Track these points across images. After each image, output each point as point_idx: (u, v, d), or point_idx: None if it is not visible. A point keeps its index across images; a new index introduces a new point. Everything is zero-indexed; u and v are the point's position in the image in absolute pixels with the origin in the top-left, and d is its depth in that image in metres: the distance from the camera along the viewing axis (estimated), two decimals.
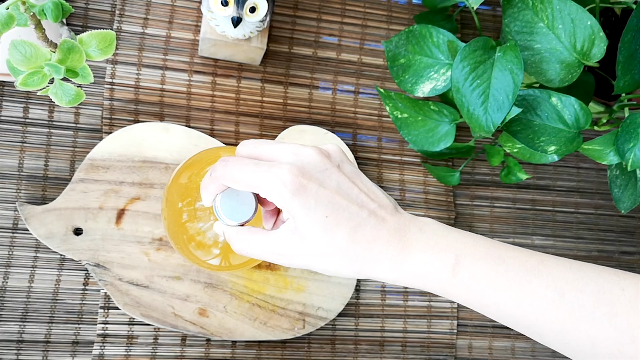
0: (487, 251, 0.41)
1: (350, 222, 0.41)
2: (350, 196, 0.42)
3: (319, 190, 0.41)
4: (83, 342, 0.59)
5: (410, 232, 0.42)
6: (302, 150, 0.42)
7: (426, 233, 0.42)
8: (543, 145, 0.55)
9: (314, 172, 0.41)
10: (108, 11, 0.64)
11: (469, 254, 0.41)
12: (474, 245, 0.42)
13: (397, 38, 0.60)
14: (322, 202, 0.41)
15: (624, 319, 0.38)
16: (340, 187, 0.42)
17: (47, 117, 0.61)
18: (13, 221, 0.59)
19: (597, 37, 0.53)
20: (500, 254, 0.41)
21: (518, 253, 0.42)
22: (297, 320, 0.62)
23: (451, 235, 0.42)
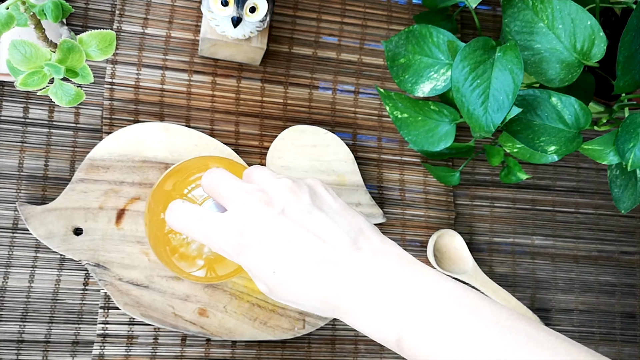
0: (432, 321, 0.38)
1: (299, 276, 0.39)
2: (296, 244, 0.40)
3: (259, 247, 0.40)
4: (83, 342, 0.59)
5: (361, 284, 0.39)
6: (244, 202, 0.41)
7: (375, 291, 0.39)
8: (543, 145, 0.55)
9: (253, 227, 0.40)
10: (108, 11, 0.64)
11: (412, 328, 0.38)
12: (420, 315, 0.38)
13: (397, 38, 0.60)
14: (265, 260, 0.40)
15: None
16: (284, 236, 0.40)
17: (47, 117, 0.61)
18: (13, 221, 0.59)
19: (597, 37, 0.53)
20: (445, 323, 0.37)
21: (466, 319, 0.37)
22: (297, 320, 0.62)
23: (400, 300, 0.38)
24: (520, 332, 0.37)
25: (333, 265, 0.39)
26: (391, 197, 0.68)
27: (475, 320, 0.37)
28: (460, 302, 0.38)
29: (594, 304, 0.73)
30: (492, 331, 0.37)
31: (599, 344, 0.72)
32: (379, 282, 0.39)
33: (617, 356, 0.72)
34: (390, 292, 0.39)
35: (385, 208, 0.67)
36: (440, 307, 0.38)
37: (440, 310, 0.38)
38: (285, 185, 0.42)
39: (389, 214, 0.67)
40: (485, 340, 0.36)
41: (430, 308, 0.38)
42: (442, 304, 0.38)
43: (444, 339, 0.37)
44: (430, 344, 0.37)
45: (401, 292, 0.39)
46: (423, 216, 0.69)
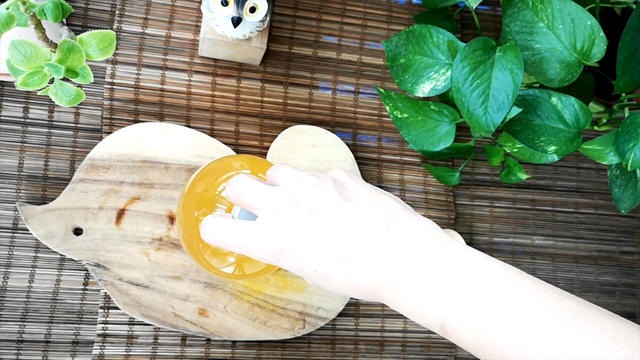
0: (475, 304, 0.37)
1: (339, 271, 0.40)
2: (331, 241, 0.40)
3: (296, 251, 0.40)
4: (83, 342, 0.59)
5: (401, 270, 0.39)
6: (272, 208, 0.41)
7: (413, 278, 0.39)
8: (543, 145, 0.55)
9: (285, 232, 0.40)
10: (108, 11, 0.64)
11: (456, 312, 0.38)
12: (463, 298, 0.38)
13: (397, 38, 0.60)
14: (305, 261, 0.40)
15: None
16: (317, 236, 0.40)
17: (47, 117, 0.61)
18: (13, 221, 0.59)
19: (597, 37, 0.53)
20: (489, 305, 0.37)
21: (510, 300, 0.37)
22: (297, 320, 0.62)
23: (441, 284, 0.38)
24: (566, 310, 0.36)
25: (370, 255, 0.39)
26: (388, 198, 0.68)
27: (519, 300, 0.37)
28: (503, 282, 0.38)
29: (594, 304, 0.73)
30: (537, 310, 0.36)
31: None
32: (417, 265, 0.39)
33: None
34: (431, 275, 0.39)
35: None
36: (483, 288, 0.38)
37: (483, 291, 0.38)
38: (309, 183, 0.42)
39: None
40: (530, 321, 0.36)
41: (473, 290, 0.38)
42: (484, 285, 0.38)
43: (488, 321, 0.37)
44: (475, 327, 0.37)
45: (442, 275, 0.39)
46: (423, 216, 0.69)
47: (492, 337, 0.37)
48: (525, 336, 0.36)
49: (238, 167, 0.55)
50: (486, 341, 0.37)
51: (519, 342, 0.36)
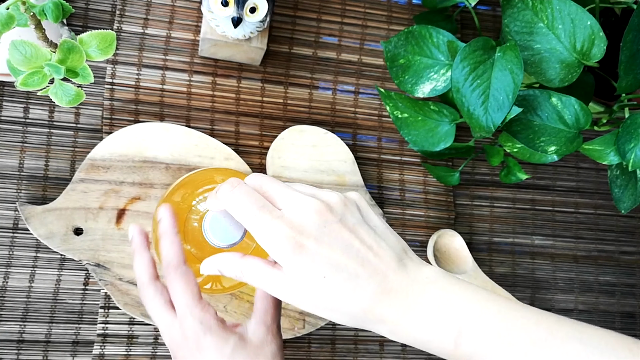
0: (492, 321, 0.39)
1: (349, 284, 0.40)
2: (351, 253, 0.40)
3: (317, 249, 0.40)
4: (83, 342, 0.59)
5: (413, 294, 0.40)
6: (304, 203, 0.41)
7: (430, 297, 0.40)
8: (543, 145, 0.55)
9: (313, 228, 0.40)
10: (108, 11, 0.64)
11: (473, 326, 0.39)
12: (479, 314, 0.40)
13: (397, 38, 0.60)
14: (320, 263, 0.40)
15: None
16: (340, 243, 0.41)
17: (48, 117, 0.61)
18: (13, 221, 0.59)
19: (597, 37, 0.53)
20: (506, 324, 0.39)
21: (526, 322, 0.40)
22: (297, 320, 0.62)
23: (456, 300, 0.40)
24: (592, 336, 0.41)
25: (383, 278, 0.40)
26: (391, 197, 0.68)
27: (540, 318, 0.41)
28: (511, 308, 0.41)
29: (593, 303, 0.73)
30: (560, 331, 0.40)
31: None
32: (434, 287, 0.41)
33: None
34: (449, 291, 0.41)
35: (385, 208, 0.67)
36: (501, 305, 0.40)
37: (501, 306, 0.40)
38: (338, 197, 0.43)
39: (389, 214, 0.67)
40: (536, 342, 0.39)
41: (492, 303, 0.40)
42: (495, 309, 0.40)
43: (502, 341, 0.39)
44: (489, 348, 0.39)
45: (461, 289, 0.41)
46: (423, 216, 0.69)
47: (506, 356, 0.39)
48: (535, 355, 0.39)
49: (219, 181, 0.55)
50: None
51: None
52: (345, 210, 0.42)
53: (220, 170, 0.60)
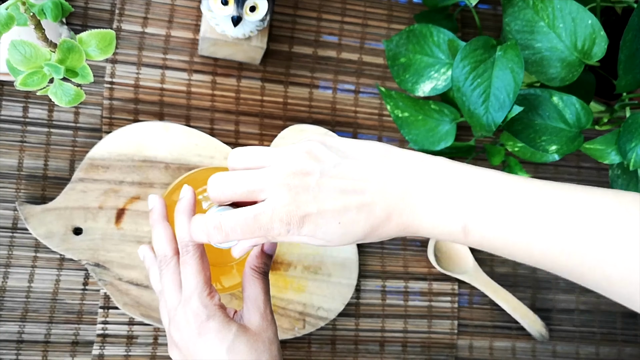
0: (496, 209, 0.40)
1: (361, 211, 0.41)
2: (350, 190, 0.41)
3: (319, 211, 0.41)
4: (83, 342, 0.59)
5: (415, 195, 0.41)
6: (283, 181, 0.41)
7: (431, 194, 0.41)
8: (544, 144, 0.55)
9: (308, 196, 0.41)
10: (108, 10, 0.64)
11: (477, 218, 0.41)
12: (483, 205, 0.41)
13: (398, 37, 0.60)
14: (329, 217, 0.41)
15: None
16: (337, 189, 0.41)
17: (47, 116, 0.61)
18: (13, 221, 0.59)
19: (597, 36, 0.53)
20: (511, 207, 0.40)
21: (529, 198, 0.40)
22: (297, 320, 0.62)
23: (458, 193, 0.41)
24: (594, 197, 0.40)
25: (385, 185, 0.42)
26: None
27: (543, 191, 0.41)
28: (510, 184, 0.42)
29: (594, 303, 0.73)
30: (563, 196, 0.40)
31: (600, 344, 0.72)
32: (430, 178, 0.42)
33: (618, 356, 0.72)
34: (449, 184, 0.42)
35: None
36: (504, 189, 0.41)
37: (504, 190, 0.41)
38: (304, 154, 0.43)
39: None
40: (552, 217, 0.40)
41: (496, 190, 0.41)
42: (503, 187, 0.41)
43: (512, 215, 0.40)
44: (497, 225, 0.40)
45: (463, 181, 0.42)
46: None
47: (513, 230, 0.40)
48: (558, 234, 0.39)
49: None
50: (507, 235, 0.40)
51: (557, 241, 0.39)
52: (318, 163, 0.42)
53: (220, 169, 0.60)
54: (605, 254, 0.38)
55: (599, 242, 0.38)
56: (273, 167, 0.42)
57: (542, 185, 0.41)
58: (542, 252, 0.40)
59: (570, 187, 0.41)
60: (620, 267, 0.38)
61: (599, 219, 0.39)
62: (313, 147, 0.43)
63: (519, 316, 0.68)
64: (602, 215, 0.39)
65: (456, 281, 0.68)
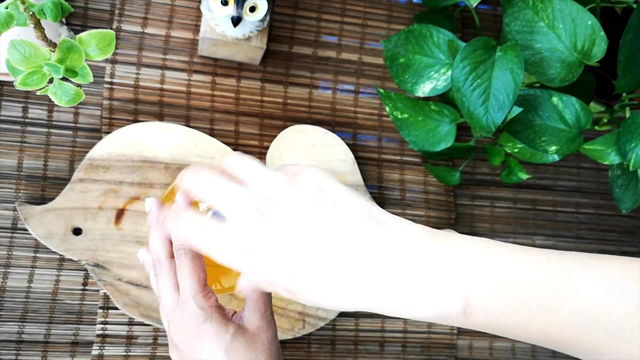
0: (500, 281, 0.35)
1: (322, 275, 0.36)
2: (318, 242, 0.37)
3: (269, 257, 0.37)
4: (82, 343, 0.59)
5: (401, 268, 0.36)
6: (244, 206, 0.38)
7: (423, 266, 0.36)
8: (544, 145, 0.55)
9: (258, 237, 0.37)
10: (107, 10, 0.64)
11: (480, 292, 0.35)
12: (483, 276, 0.35)
13: (396, 37, 0.60)
14: (279, 268, 0.37)
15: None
16: (296, 238, 0.37)
17: (47, 116, 0.61)
18: (12, 221, 0.59)
19: (597, 36, 0.53)
20: (516, 282, 0.35)
21: (536, 273, 0.36)
22: (297, 321, 0.62)
23: (453, 264, 0.36)
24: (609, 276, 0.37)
25: (363, 252, 0.36)
26: (391, 197, 0.68)
27: (551, 264, 0.36)
28: (515, 258, 0.37)
29: None
30: (575, 275, 0.36)
31: None
32: (424, 253, 0.36)
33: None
34: (443, 255, 0.36)
35: (386, 208, 0.67)
36: (505, 260, 0.36)
37: (505, 261, 0.36)
38: (284, 183, 0.39)
39: None
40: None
41: (494, 260, 0.36)
42: (505, 258, 0.37)
43: (518, 291, 0.35)
44: (504, 301, 0.35)
45: (455, 249, 0.36)
46: (423, 216, 0.68)
47: (521, 313, 0.35)
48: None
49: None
50: (522, 320, 0.35)
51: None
52: (293, 197, 0.38)
53: None
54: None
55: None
56: (242, 187, 0.40)
57: (550, 256, 0.37)
58: (561, 333, 0.36)
59: (576, 257, 0.37)
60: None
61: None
62: (296, 179, 0.39)
63: None
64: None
65: None
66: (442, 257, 0.36)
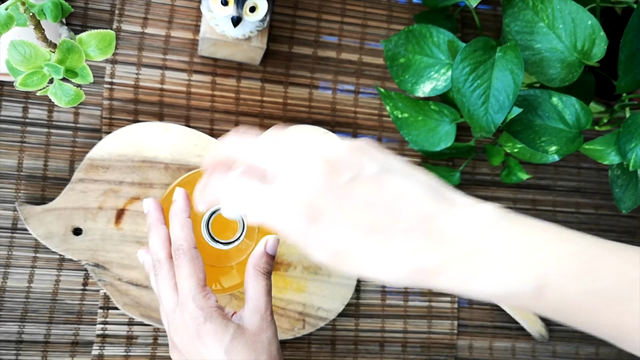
0: (576, 264, 0.34)
1: (387, 247, 0.34)
2: (385, 211, 0.34)
3: (338, 220, 0.34)
4: (82, 343, 0.59)
5: (471, 243, 0.34)
6: (306, 166, 0.35)
7: (494, 242, 0.34)
8: (544, 145, 0.55)
9: (327, 196, 0.34)
10: (107, 11, 0.64)
11: (555, 272, 0.34)
12: (560, 257, 0.34)
13: (397, 38, 0.60)
14: (349, 229, 0.34)
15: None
16: (366, 204, 0.34)
17: (47, 117, 0.61)
18: (12, 221, 0.59)
19: (597, 36, 0.53)
20: (593, 267, 0.34)
21: (613, 261, 0.35)
22: (297, 321, 0.62)
23: (528, 242, 0.34)
24: None
25: (432, 224, 0.34)
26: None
27: (628, 254, 0.36)
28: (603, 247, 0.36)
29: None
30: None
31: (600, 344, 0.72)
32: (495, 229, 0.34)
33: (618, 356, 0.72)
34: (515, 232, 0.34)
35: None
36: (582, 245, 0.36)
37: (582, 247, 0.36)
38: (344, 149, 0.36)
39: None
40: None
41: (572, 243, 0.36)
42: (583, 242, 0.36)
43: (595, 276, 0.34)
44: (580, 284, 0.34)
45: (531, 227, 0.35)
46: None
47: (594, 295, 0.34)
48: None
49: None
50: (597, 307, 0.34)
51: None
52: (356, 163, 0.35)
53: None
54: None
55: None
56: (291, 148, 0.36)
57: (625, 247, 0.36)
58: (632, 324, 0.34)
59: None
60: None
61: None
62: (356, 147, 0.36)
63: (518, 316, 0.68)
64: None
65: None
66: (516, 234, 0.34)
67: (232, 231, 0.51)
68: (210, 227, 0.50)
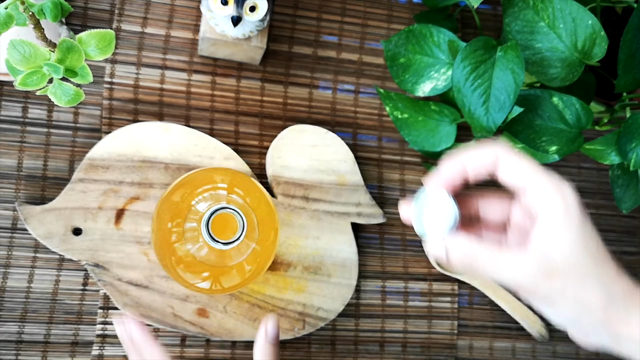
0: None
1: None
2: None
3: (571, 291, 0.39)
4: (82, 343, 0.59)
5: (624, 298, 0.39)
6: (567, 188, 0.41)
7: None
8: (544, 145, 0.55)
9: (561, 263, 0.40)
10: (107, 10, 0.64)
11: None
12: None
13: (397, 37, 0.60)
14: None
15: None
16: None
17: (46, 116, 0.61)
18: (12, 221, 0.59)
19: (598, 36, 0.53)
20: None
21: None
22: (297, 321, 0.62)
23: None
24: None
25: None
26: (391, 197, 0.68)
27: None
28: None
29: None
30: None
31: None
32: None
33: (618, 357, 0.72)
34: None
35: (386, 208, 0.67)
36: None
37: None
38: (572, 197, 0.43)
39: (389, 214, 0.67)
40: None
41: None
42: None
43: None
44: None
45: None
46: None
47: None
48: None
49: (218, 181, 0.55)
50: None
51: None
52: None
53: (220, 170, 0.60)
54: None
55: None
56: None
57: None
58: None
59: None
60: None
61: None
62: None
63: (518, 316, 0.68)
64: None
65: (456, 281, 0.68)
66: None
67: (232, 231, 0.51)
68: (210, 227, 0.50)
